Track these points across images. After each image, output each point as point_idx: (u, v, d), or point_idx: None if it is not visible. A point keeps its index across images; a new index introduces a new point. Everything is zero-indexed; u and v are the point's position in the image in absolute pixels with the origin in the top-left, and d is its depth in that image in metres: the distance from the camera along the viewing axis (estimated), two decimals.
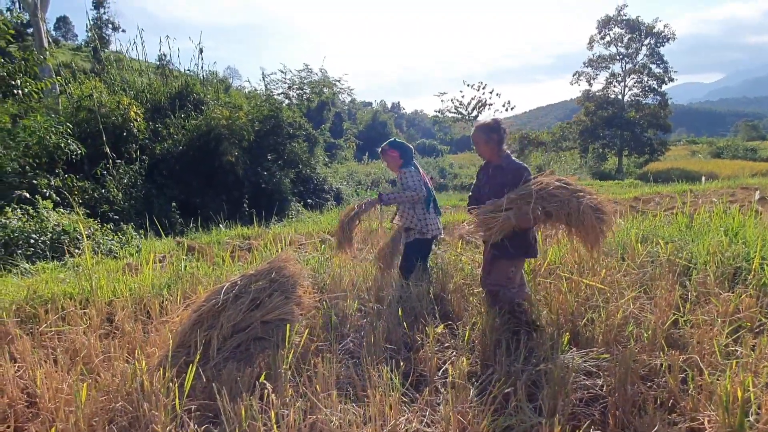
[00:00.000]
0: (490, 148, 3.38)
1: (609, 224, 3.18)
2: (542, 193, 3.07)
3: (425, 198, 4.13)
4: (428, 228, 4.12)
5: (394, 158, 4.28)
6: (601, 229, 3.13)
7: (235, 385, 2.55)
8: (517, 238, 3.19)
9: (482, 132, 3.38)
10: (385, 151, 4.32)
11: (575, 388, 2.65)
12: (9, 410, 2.75)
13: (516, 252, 3.24)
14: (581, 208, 3.04)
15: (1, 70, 8.44)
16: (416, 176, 4.13)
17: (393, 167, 4.33)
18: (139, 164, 12.27)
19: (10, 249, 6.96)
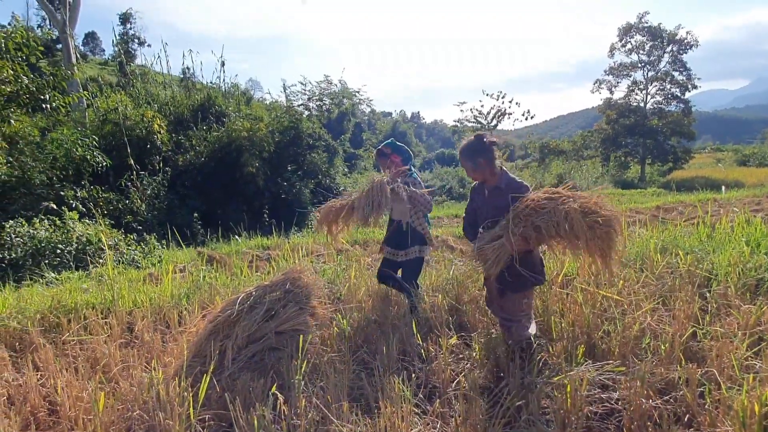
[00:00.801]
0: (480, 172, 3.02)
1: (610, 228, 2.70)
2: (529, 210, 2.78)
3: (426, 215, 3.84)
4: (429, 245, 3.86)
5: (398, 163, 3.78)
6: (602, 235, 2.68)
7: (248, 396, 2.59)
8: (523, 267, 2.84)
9: (467, 158, 3.03)
10: (385, 155, 3.81)
11: (590, 401, 2.62)
12: (31, 418, 2.83)
13: (524, 283, 2.94)
14: (565, 214, 2.68)
15: (31, 85, 8.70)
16: (422, 185, 3.76)
17: (395, 174, 3.70)
18: (162, 176, 12.52)
19: (37, 259, 7.15)
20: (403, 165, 3.77)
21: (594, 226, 2.66)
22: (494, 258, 2.79)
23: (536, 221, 2.73)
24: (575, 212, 2.67)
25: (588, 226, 2.66)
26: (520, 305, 2.99)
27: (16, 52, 8.51)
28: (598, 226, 2.66)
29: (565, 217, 2.67)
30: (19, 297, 4.70)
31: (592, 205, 2.74)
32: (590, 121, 61.45)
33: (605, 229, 2.68)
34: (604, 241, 2.69)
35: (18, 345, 3.77)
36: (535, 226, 2.73)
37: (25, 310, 4.19)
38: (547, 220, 2.71)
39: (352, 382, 2.81)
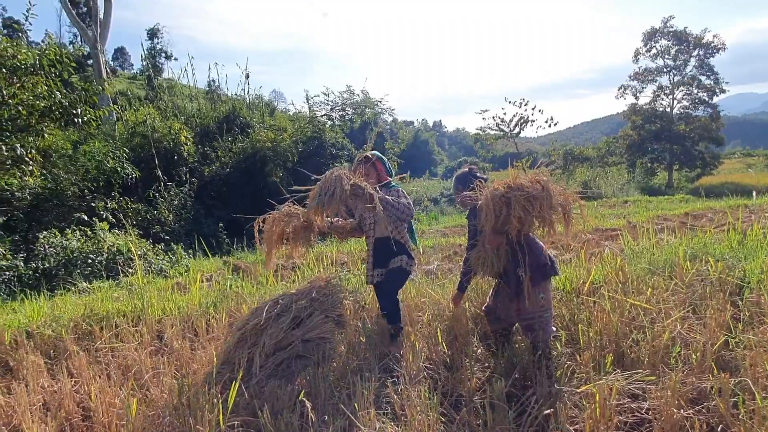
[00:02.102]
0: (464, 197, 3.31)
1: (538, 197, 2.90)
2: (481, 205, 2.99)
3: (409, 226, 3.67)
4: (414, 259, 3.65)
5: (381, 171, 3.76)
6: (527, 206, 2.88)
7: (276, 403, 2.62)
8: (529, 263, 3.00)
9: (454, 188, 3.54)
10: (370, 161, 3.72)
11: (619, 411, 2.59)
12: (66, 423, 2.91)
13: (534, 276, 3.01)
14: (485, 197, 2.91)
15: (64, 100, 8.96)
16: (408, 201, 3.53)
17: (374, 183, 3.55)
18: (189, 186, 12.75)
19: (69, 268, 7.34)
20: (386, 175, 3.77)
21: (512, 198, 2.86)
22: (482, 260, 3.05)
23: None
24: (489, 192, 2.92)
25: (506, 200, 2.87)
26: (537, 301, 3.04)
27: (50, 69, 8.78)
28: (516, 199, 2.86)
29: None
30: (53, 305, 4.84)
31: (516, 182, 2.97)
32: (615, 128, 60.64)
33: (526, 198, 2.88)
34: (534, 209, 2.89)
35: (53, 352, 3.88)
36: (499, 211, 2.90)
37: (59, 318, 4.32)
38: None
39: (378, 389, 2.82)
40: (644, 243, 5.42)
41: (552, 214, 2.95)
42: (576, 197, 3.04)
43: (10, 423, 2.84)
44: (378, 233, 3.65)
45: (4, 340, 3.93)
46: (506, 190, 2.89)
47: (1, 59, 8.25)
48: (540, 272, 3.03)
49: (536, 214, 2.92)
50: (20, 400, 2.85)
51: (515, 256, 3.00)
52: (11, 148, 8.55)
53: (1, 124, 8.42)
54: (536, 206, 2.88)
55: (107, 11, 18.85)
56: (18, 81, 8.59)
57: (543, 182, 2.96)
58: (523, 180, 2.96)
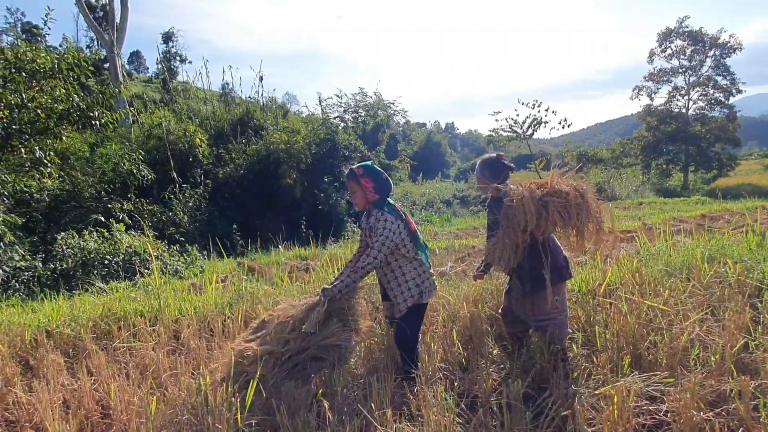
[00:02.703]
0: (487, 184, 3.18)
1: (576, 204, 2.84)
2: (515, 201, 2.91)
3: (413, 249, 3.13)
4: (424, 288, 3.13)
5: (368, 189, 3.11)
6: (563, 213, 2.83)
7: (293, 403, 2.63)
8: (539, 264, 2.93)
9: (478, 170, 3.30)
10: (356, 177, 3.12)
11: (637, 413, 2.57)
12: (86, 421, 2.95)
13: (544, 279, 2.92)
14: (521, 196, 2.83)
15: (82, 103, 9.09)
16: (395, 228, 3.02)
17: (361, 202, 3.17)
18: (203, 188, 12.86)
19: (87, 269, 7.44)
20: (375, 193, 3.10)
21: (549, 203, 2.81)
22: (502, 254, 2.93)
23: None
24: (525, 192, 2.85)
25: (542, 204, 2.81)
26: (551, 303, 2.98)
27: (68, 72, 8.91)
28: (553, 203, 2.81)
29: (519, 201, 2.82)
30: (72, 305, 4.90)
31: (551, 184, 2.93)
32: (629, 129, 60.08)
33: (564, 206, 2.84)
34: (570, 217, 2.83)
35: (72, 351, 3.94)
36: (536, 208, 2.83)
37: (77, 318, 4.38)
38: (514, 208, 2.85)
39: (394, 390, 2.82)
40: (660, 245, 5.37)
41: (586, 227, 2.89)
42: (608, 208, 3.02)
43: (32, 420, 2.89)
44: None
45: (25, 339, 4.00)
46: (544, 193, 2.84)
47: (20, 63, 8.40)
48: (556, 274, 3.00)
49: (572, 224, 2.86)
50: (41, 398, 2.89)
51: (532, 253, 2.95)
52: (30, 151, 8.69)
53: (21, 127, 8.56)
54: (573, 216, 2.82)
55: (123, 16, 19.09)
56: (37, 84, 8.73)
57: (582, 191, 2.89)
58: (563, 186, 2.88)
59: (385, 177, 3.18)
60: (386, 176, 3.19)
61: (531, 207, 2.76)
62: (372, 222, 3.08)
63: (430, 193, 24.47)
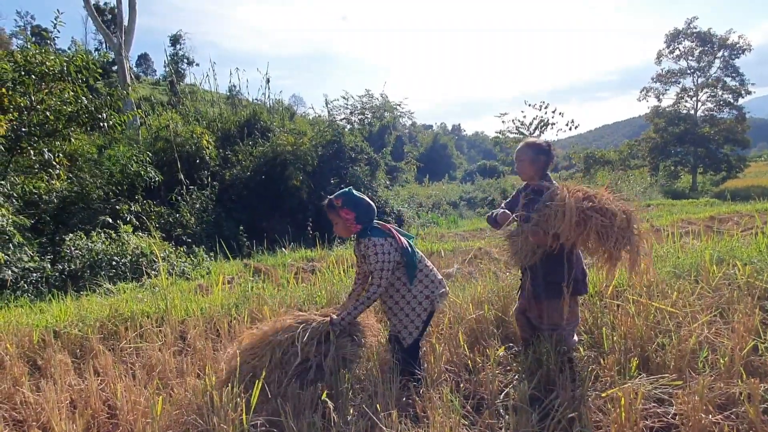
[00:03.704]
0: (534, 168, 3.06)
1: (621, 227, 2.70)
2: (555, 204, 2.73)
3: (409, 268, 2.99)
4: (435, 297, 3.04)
5: (348, 221, 3.00)
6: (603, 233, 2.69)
7: (298, 404, 2.63)
8: (555, 270, 2.86)
9: (531, 149, 3.08)
10: (334, 208, 3.00)
11: (645, 415, 2.55)
12: (92, 421, 2.96)
13: (559, 288, 2.87)
14: (563, 202, 2.67)
15: (90, 105, 9.16)
16: (387, 249, 2.92)
17: (343, 232, 3.08)
18: (210, 190, 12.91)
19: (95, 270, 7.48)
20: (357, 224, 2.99)
21: (591, 216, 2.69)
22: (524, 250, 2.85)
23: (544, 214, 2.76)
24: (570, 200, 2.69)
25: (585, 216, 2.69)
26: (561, 313, 2.91)
27: (76, 75, 8.99)
28: (596, 219, 2.68)
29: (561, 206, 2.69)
30: (80, 306, 4.93)
31: (598, 197, 2.78)
32: (637, 130, 59.81)
33: (604, 225, 2.70)
34: (608, 239, 2.70)
35: (79, 351, 3.95)
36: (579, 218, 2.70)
37: (85, 319, 4.40)
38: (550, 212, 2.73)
39: (400, 392, 2.82)
40: (668, 246, 5.34)
41: (620, 254, 2.76)
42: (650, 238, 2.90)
43: (39, 420, 2.90)
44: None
45: (33, 340, 4.02)
46: (589, 206, 2.68)
47: (30, 66, 8.48)
48: (572, 287, 2.91)
49: (607, 247, 2.71)
50: (48, 398, 2.90)
51: (550, 258, 2.85)
52: (39, 153, 8.77)
53: (30, 129, 8.64)
54: (611, 239, 2.66)
55: (131, 18, 19.22)
56: (46, 87, 8.82)
57: (631, 217, 2.72)
58: (612, 205, 2.71)
59: (367, 204, 3.02)
60: (367, 203, 3.03)
61: (572, 217, 2.63)
62: (363, 250, 2.98)
63: (436, 195, 24.44)
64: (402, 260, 2.98)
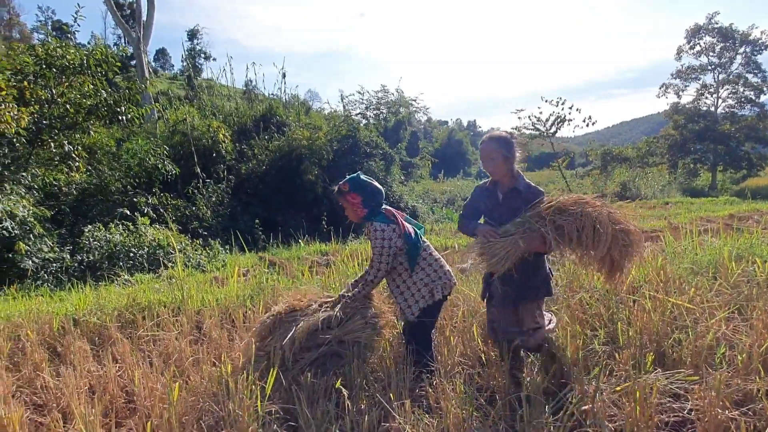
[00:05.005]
0: (507, 165, 2.86)
1: (630, 245, 2.69)
2: (553, 210, 2.68)
3: (411, 254, 3.04)
4: (435, 286, 3.06)
5: (355, 205, 3.08)
6: (621, 250, 2.66)
7: (312, 392, 2.66)
8: (534, 274, 2.83)
9: (502, 146, 2.85)
10: (342, 193, 3.11)
11: (660, 410, 2.53)
12: (110, 406, 3.02)
13: (536, 291, 2.86)
14: (594, 219, 2.62)
15: (109, 98, 9.29)
16: (388, 235, 2.98)
17: (353, 216, 3.15)
18: (226, 183, 13.01)
19: (113, 261, 7.59)
20: (364, 207, 3.07)
21: (618, 237, 2.65)
22: (503, 255, 2.64)
23: (559, 221, 2.65)
24: (605, 218, 2.64)
25: (613, 235, 2.64)
26: (533, 316, 2.87)
27: (96, 68, 9.12)
28: (621, 238, 2.65)
29: (593, 222, 2.62)
30: (98, 295, 5.01)
31: (620, 217, 2.72)
32: (655, 127, 59.10)
33: (626, 245, 2.67)
34: (621, 256, 2.69)
35: (98, 339, 4.03)
36: (557, 225, 2.65)
37: (103, 307, 4.48)
38: (572, 221, 2.64)
39: (413, 383, 2.83)
40: (686, 244, 5.28)
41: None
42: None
43: (59, 404, 2.97)
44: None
45: (53, 327, 4.11)
46: (618, 230, 2.65)
47: (51, 59, 8.61)
48: (544, 289, 2.90)
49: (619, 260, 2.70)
50: (68, 383, 2.97)
51: (527, 261, 2.73)
52: (59, 145, 8.91)
53: (51, 121, 8.78)
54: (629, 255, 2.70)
55: (150, 13, 19.42)
56: (66, 80, 8.95)
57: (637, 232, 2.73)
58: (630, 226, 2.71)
59: (374, 188, 3.10)
60: (374, 187, 3.11)
61: (608, 228, 2.59)
62: (366, 234, 3.09)
63: (451, 191, 24.36)
64: (404, 247, 3.02)
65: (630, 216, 2.78)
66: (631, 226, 2.69)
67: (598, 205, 2.70)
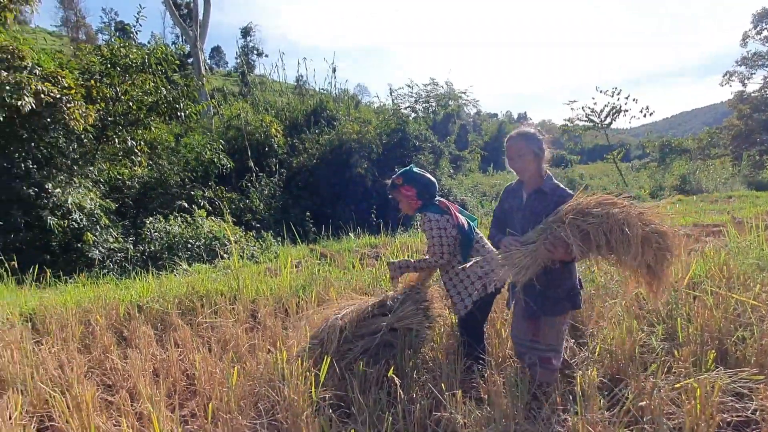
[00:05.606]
0: (536, 164, 2.68)
1: (665, 249, 2.40)
2: (575, 213, 2.42)
3: (464, 246, 3.05)
4: (488, 280, 3.00)
5: (409, 198, 3.13)
6: (656, 254, 2.38)
7: (364, 380, 2.71)
8: (559, 285, 2.65)
9: (532, 142, 2.68)
10: (396, 187, 3.16)
11: (722, 409, 2.45)
12: (173, 387, 3.18)
13: (560, 304, 2.66)
14: (622, 221, 2.34)
15: (168, 95, 9.67)
16: (443, 225, 3.02)
17: (407, 209, 3.19)
18: (278, 177, 13.32)
19: (172, 251, 7.92)
20: (418, 199, 3.12)
21: (650, 239, 2.37)
22: (524, 264, 2.46)
23: (584, 225, 2.38)
24: (635, 220, 2.36)
25: (644, 238, 2.36)
26: (560, 331, 2.69)
27: (156, 67, 9.51)
28: (655, 241, 2.37)
29: (620, 225, 2.34)
30: (160, 284, 5.26)
31: (652, 217, 2.43)
32: (718, 117, 56.20)
33: (660, 248, 2.40)
34: (657, 262, 2.41)
35: (160, 324, 4.23)
36: (582, 231, 2.38)
37: (165, 295, 4.70)
38: (598, 225, 2.36)
39: (464, 375, 2.84)
40: (752, 239, 5.03)
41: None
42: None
43: (126, 385, 3.15)
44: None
45: (119, 313, 4.35)
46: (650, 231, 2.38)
47: (115, 59, 9.04)
48: (570, 301, 2.70)
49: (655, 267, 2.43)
50: (134, 365, 3.15)
51: (551, 269, 2.56)
52: (123, 141, 9.35)
53: (115, 118, 9.23)
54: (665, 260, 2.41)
55: (206, 12, 20.01)
56: (129, 79, 9.37)
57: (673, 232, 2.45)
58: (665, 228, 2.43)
59: (427, 180, 3.14)
60: (428, 179, 3.15)
61: (637, 230, 2.33)
62: (421, 225, 3.08)
63: (500, 185, 23.98)
64: (458, 237, 3.03)
65: (665, 217, 2.51)
66: (666, 228, 2.43)
67: (625, 205, 2.44)
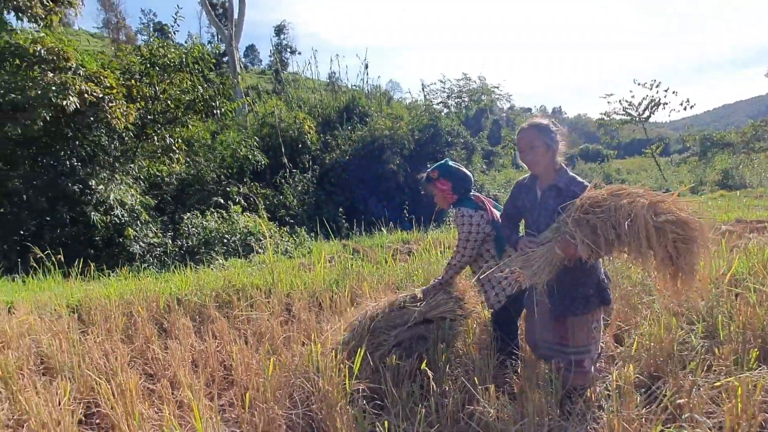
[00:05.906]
0: (549, 156, 2.53)
1: (689, 239, 2.20)
2: (586, 208, 2.27)
3: (497, 242, 3.00)
4: (512, 275, 2.76)
5: (445, 192, 3.10)
6: (679, 247, 2.20)
7: (397, 373, 2.74)
8: (582, 283, 2.50)
9: (544, 133, 2.52)
10: (431, 180, 3.12)
11: (764, 409, 2.37)
12: (211, 377, 3.27)
13: (587, 301, 2.51)
14: (629, 213, 2.17)
15: (205, 94, 9.88)
16: (476, 221, 2.96)
17: (442, 203, 3.17)
18: (311, 173, 13.46)
19: (209, 246, 8.12)
20: (453, 194, 3.08)
21: (665, 229, 2.17)
22: (541, 264, 2.34)
23: (592, 220, 2.23)
24: (641, 210, 2.16)
25: (656, 228, 2.16)
26: (589, 331, 2.54)
27: (193, 66, 9.72)
28: (671, 231, 2.17)
29: (627, 216, 2.16)
30: (198, 277, 5.39)
31: (668, 206, 2.21)
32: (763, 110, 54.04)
33: (681, 239, 2.20)
34: (679, 254, 2.21)
35: (198, 317, 4.34)
36: (592, 226, 2.23)
37: (203, 288, 4.82)
38: (605, 219, 2.20)
39: (497, 369, 2.83)
40: None
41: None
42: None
43: (167, 374, 3.25)
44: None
45: (160, 305, 4.49)
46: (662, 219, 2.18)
47: (154, 58, 9.28)
48: (598, 297, 2.56)
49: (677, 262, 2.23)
50: (174, 355, 3.25)
51: (576, 268, 2.42)
52: (162, 138, 9.60)
53: (154, 116, 9.49)
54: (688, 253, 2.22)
55: (241, 11, 20.33)
56: (168, 78, 9.61)
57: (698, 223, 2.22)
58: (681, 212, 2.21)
59: (462, 174, 3.09)
60: (463, 173, 3.10)
61: (642, 220, 2.15)
62: (453, 219, 3.10)
63: None
64: (492, 233, 3.00)
65: (690, 205, 2.26)
66: (686, 216, 2.20)
67: (634, 193, 2.26)
